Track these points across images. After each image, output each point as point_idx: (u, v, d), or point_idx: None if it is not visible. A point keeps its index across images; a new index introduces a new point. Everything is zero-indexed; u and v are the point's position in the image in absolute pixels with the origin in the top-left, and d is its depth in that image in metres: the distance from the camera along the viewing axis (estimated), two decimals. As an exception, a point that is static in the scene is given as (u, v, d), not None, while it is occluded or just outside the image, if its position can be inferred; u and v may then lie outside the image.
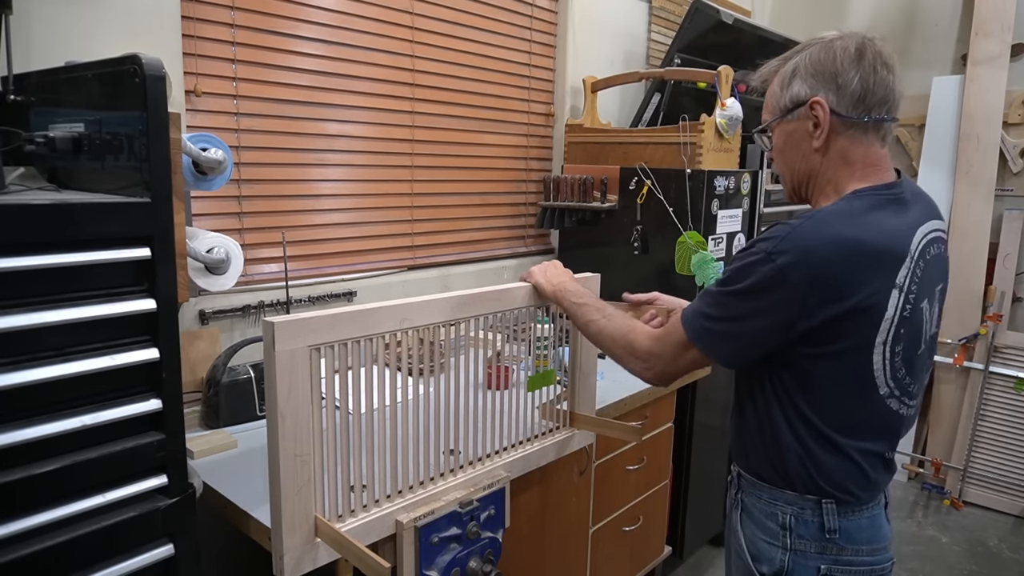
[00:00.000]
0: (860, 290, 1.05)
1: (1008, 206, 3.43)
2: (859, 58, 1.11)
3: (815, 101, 1.12)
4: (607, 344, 1.35)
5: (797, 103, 1.15)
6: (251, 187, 1.99)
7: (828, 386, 1.11)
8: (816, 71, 1.13)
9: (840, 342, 1.08)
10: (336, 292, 2.17)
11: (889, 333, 1.09)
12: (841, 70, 1.11)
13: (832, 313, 1.05)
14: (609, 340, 1.34)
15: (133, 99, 1.02)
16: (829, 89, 1.12)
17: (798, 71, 1.15)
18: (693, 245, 2.41)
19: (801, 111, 1.14)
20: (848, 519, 1.17)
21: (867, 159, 1.14)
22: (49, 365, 0.96)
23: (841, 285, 1.04)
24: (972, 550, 2.97)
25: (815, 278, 1.04)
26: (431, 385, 1.39)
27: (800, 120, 1.15)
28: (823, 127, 1.13)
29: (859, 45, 1.12)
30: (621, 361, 1.32)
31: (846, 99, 1.11)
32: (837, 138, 1.13)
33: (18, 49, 1.37)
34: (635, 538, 2.28)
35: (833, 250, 1.04)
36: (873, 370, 1.10)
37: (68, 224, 0.96)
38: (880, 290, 1.06)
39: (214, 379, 1.73)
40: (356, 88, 2.20)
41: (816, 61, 1.13)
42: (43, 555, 0.95)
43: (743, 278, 1.08)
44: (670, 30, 3.32)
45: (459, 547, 1.42)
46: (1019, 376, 3.29)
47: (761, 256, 1.07)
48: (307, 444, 1.18)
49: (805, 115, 1.14)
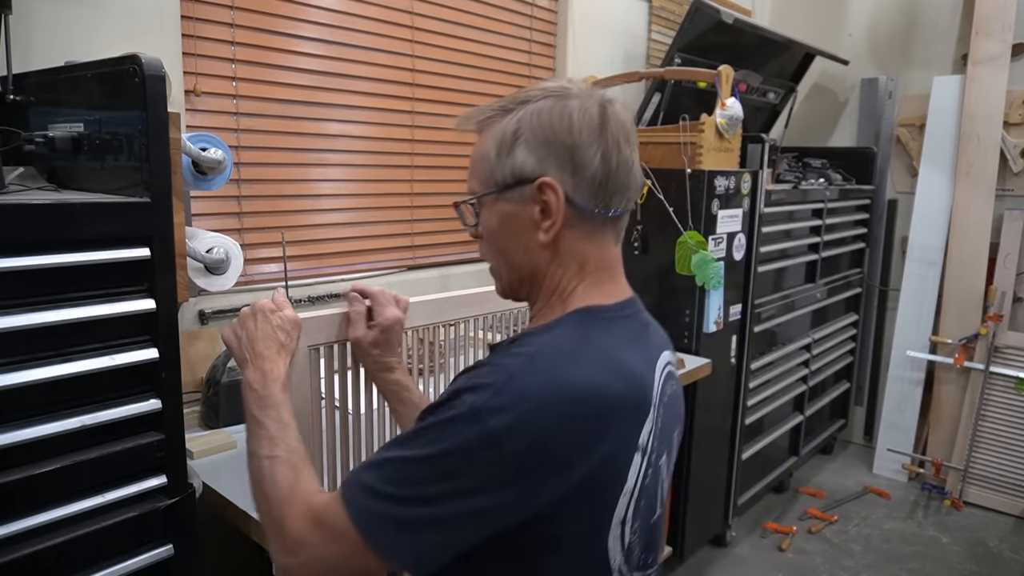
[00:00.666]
0: (594, 455, 0.76)
1: (1008, 206, 3.43)
2: (601, 129, 0.83)
3: (545, 183, 0.83)
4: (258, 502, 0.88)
5: (520, 179, 0.85)
6: (251, 187, 1.99)
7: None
8: (547, 139, 0.83)
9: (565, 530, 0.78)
10: (336, 292, 2.17)
11: (628, 509, 0.82)
12: (579, 144, 0.83)
13: (558, 491, 0.75)
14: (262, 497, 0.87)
15: (133, 99, 1.02)
16: (563, 168, 0.83)
17: (522, 135, 0.85)
18: (693, 245, 2.41)
19: (526, 191, 0.84)
20: None
21: (601, 263, 0.88)
22: (49, 365, 0.96)
23: (572, 451, 0.75)
24: (972, 550, 2.97)
25: (541, 446, 0.73)
26: (431, 385, 1.39)
27: (523, 203, 0.85)
28: (554, 218, 0.84)
29: (601, 110, 0.84)
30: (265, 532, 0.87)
31: (584, 184, 0.83)
32: (569, 232, 0.85)
33: (18, 49, 1.37)
34: (635, 538, 2.28)
35: (565, 403, 0.75)
36: (607, 552, 0.82)
37: (68, 224, 0.96)
38: (620, 454, 0.79)
39: (214, 379, 1.73)
40: (356, 88, 2.20)
41: (547, 126, 0.84)
42: (43, 555, 0.95)
43: (438, 439, 0.75)
44: (670, 30, 3.32)
45: (459, 547, 1.41)
46: (1020, 376, 3.28)
47: (466, 412, 0.74)
48: (307, 444, 1.18)
49: (531, 197, 0.84)
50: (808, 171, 3.36)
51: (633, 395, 0.82)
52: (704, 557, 2.86)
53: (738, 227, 2.64)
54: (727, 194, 2.53)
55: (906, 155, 3.77)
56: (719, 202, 2.50)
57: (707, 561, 2.84)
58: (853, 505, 3.32)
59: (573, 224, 0.85)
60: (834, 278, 3.49)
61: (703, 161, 2.47)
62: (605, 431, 0.77)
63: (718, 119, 2.49)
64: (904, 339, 3.59)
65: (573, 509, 0.77)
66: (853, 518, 3.20)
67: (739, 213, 2.64)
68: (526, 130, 0.85)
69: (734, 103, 2.52)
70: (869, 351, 3.96)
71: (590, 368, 0.79)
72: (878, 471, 3.65)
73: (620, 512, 0.81)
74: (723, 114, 2.50)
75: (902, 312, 3.61)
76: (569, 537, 0.79)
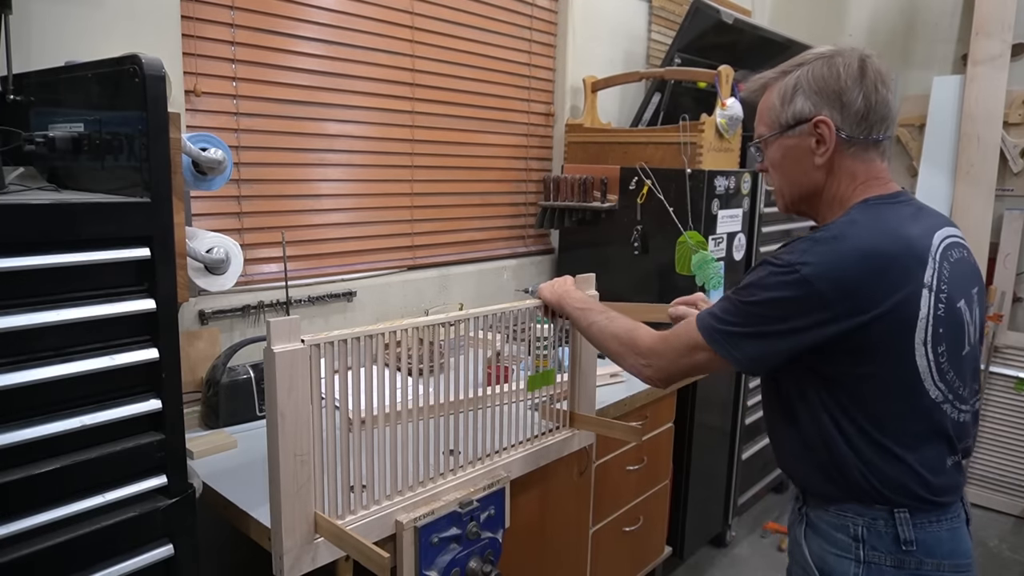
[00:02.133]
0: (889, 297, 1.05)
1: (1008, 206, 3.43)
2: (861, 76, 1.11)
3: (821, 120, 1.12)
4: (608, 341, 1.37)
5: (800, 120, 1.14)
6: (251, 187, 1.99)
7: (877, 394, 1.09)
8: (820, 88, 1.12)
9: (880, 347, 1.07)
10: (336, 292, 2.17)
11: (927, 332, 1.07)
12: (845, 88, 1.11)
13: (863, 320, 1.04)
14: (611, 337, 1.36)
15: (133, 99, 1.02)
16: (834, 108, 1.12)
17: (800, 87, 1.14)
18: (693, 245, 2.41)
19: (804, 128, 1.14)
20: (926, 530, 1.11)
21: (870, 174, 1.15)
22: (49, 365, 0.96)
23: (868, 294, 1.04)
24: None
25: (842, 289, 1.04)
26: (431, 385, 1.39)
27: (801, 136, 1.15)
28: (828, 145, 1.13)
29: (861, 63, 1.12)
30: (620, 358, 1.33)
31: (850, 118, 1.12)
32: (842, 155, 1.14)
33: (18, 49, 1.38)
34: (635, 538, 2.28)
35: (855, 261, 1.05)
36: (919, 373, 1.08)
37: (68, 224, 0.96)
38: (909, 292, 1.06)
39: (214, 379, 1.73)
40: (356, 88, 2.20)
41: (819, 78, 1.12)
42: (43, 555, 0.95)
43: (767, 288, 1.08)
44: (670, 30, 3.32)
45: (459, 547, 1.42)
46: (1019, 376, 3.28)
47: (784, 267, 1.07)
48: (307, 444, 1.18)
49: (808, 132, 1.14)
50: (808, 171, 3.36)
51: (907, 251, 1.08)
52: (704, 557, 2.86)
53: (738, 227, 2.64)
54: (727, 194, 2.53)
55: (906, 155, 3.77)
56: (719, 202, 2.50)
57: (707, 561, 2.84)
58: (853, 505, 3.32)
59: (843, 149, 1.14)
60: (834, 278, 3.49)
61: (703, 161, 2.47)
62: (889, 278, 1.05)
63: (718, 119, 2.49)
64: (904, 339, 3.59)
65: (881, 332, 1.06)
66: (853, 518, 3.19)
67: (739, 213, 2.64)
68: (803, 83, 1.14)
69: (734, 103, 2.52)
70: (869, 351, 3.95)
71: (870, 237, 1.07)
72: (878, 471, 3.64)
73: (920, 334, 1.07)
74: (723, 114, 2.50)
75: (902, 312, 3.61)
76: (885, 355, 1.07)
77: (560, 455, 1.73)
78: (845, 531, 1.14)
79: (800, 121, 1.14)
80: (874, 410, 1.10)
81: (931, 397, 1.10)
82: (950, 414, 1.12)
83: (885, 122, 1.14)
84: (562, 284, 1.61)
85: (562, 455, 1.74)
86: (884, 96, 1.12)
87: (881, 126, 1.14)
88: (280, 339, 1.14)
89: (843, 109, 1.11)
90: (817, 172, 1.16)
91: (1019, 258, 3.37)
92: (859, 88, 1.11)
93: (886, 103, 1.13)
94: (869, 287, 1.04)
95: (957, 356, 1.12)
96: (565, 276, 1.66)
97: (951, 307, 1.10)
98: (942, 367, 1.10)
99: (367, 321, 2.26)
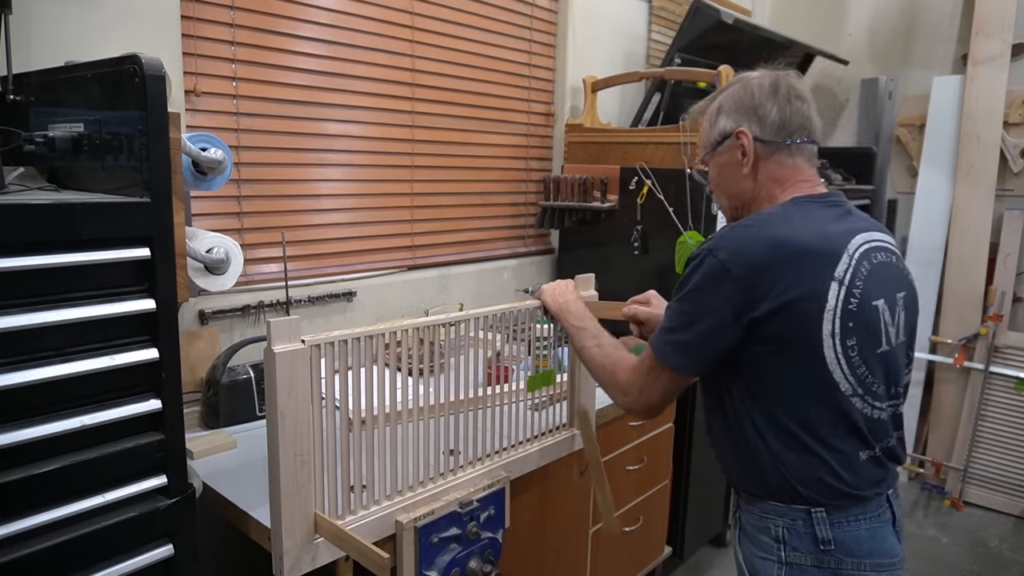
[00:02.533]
0: (797, 286, 1.10)
1: (1008, 206, 3.43)
2: (774, 92, 1.23)
3: (740, 131, 1.23)
4: (595, 370, 1.41)
5: (724, 135, 1.26)
6: (251, 187, 1.99)
7: (788, 384, 1.13)
8: (738, 106, 1.25)
9: (789, 334, 1.11)
10: (336, 292, 2.17)
11: (835, 324, 1.11)
12: (759, 103, 1.23)
13: (773, 306, 1.10)
14: (598, 367, 1.39)
15: (133, 99, 1.02)
16: (751, 120, 1.23)
17: (722, 108, 1.27)
18: (693, 245, 2.41)
19: (729, 142, 1.26)
20: (844, 529, 1.14)
21: (797, 177, 1.24)
22: (49, 365, 0.96)
23: (776, 280, 1.10)
24: (972, 550, 2.97)
25: (752, 274, 1.10)
26: (431, 385, 1.39)
27: (729, 151, 1.26)
28: (749, 154, 1.23)
29: (773, 80, 1.24)
30: (605, 388, 1.38)
31: (767, 128, 1.23)
32: (765, 162, 1.24)
33: (18, 49, 1.38)
34: (635, 538, 2.28)
35: (766, 248, 1.12)
36: (827, 363, 1.11)
37: (68, 224, 0.96)
38: (819, 283, 1.11)
39: (214, 379, 1.73)
40: (356, 88, 2.20)
41: (737, 98, 1.26)
42: (43, 555, 0.95)
43: (691, 279, 1.16)
44: (670, 30, 3.32)
45: (459, 547, 1.42)
46: (1019, 376, 3.28)
47: (703, 254, 1.15)
48: (307, 444, 1.18)
49: (733, 145, 1.25)
50: (808, 171, 3.36)
51: (822, 245, 1.13)
52: (704, 557, 2.86)
53: (738, 227, 2.64)
54: (727, 194, 2.53)
55: (906, 155, 3.77)
56: (719, 202, 2.50)
57: (707, 561, 2.84)
58: (853, 505, 3.32)
59: (765, 156, 1.24)
60: (834, 278, 3.49)
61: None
62: (800, 267, 1.11)
63: (718, 119, 2.49)
64: (904, 339, 3.59)
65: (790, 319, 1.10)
66: (853, 518, 3.19)
67: (739, 213, 2.63)
68: (724, 105, 1.27)
69: (734, 103, 2.52)
70: (869, 351, 3.95)
71: (786, 228, 1.14)
72: (878, 471, 3.64)
73: (828, 325, 1.11)
74: (723, 114, 2.49)
75: (902, 312, 3.61)
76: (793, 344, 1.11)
77: (560, 455, 1.73)
78: (767, 533, 1.18)
79: (725, 136, 1.26)
80: (785, 399, 1.14)
81: (841, 390, 1.13)
82: (861, 408, 1.15)
83: (805, 130, 1.23)
84: (563, 291, 1.60)
85: (562, 455, 1.74)
86: (799, 107, 1.23)
87: (800, 133, 1.23)
88: (280, 339, 1.14)
89: (760, 121, 1.23)
90: (746, 181, 1.26)
91: (1019, 258, 3.37)
92: (772, 101, 1.22)
93: (802, 113, 1.23)
94: (778, 272, 1.10)
95: (871, 352, 1.14)
96: (567, 280, 1.65)
97: (865, 304, 1.13)
98: (852, 360, 1.13)
99: (367, 321, 2.26)
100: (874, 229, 1.22)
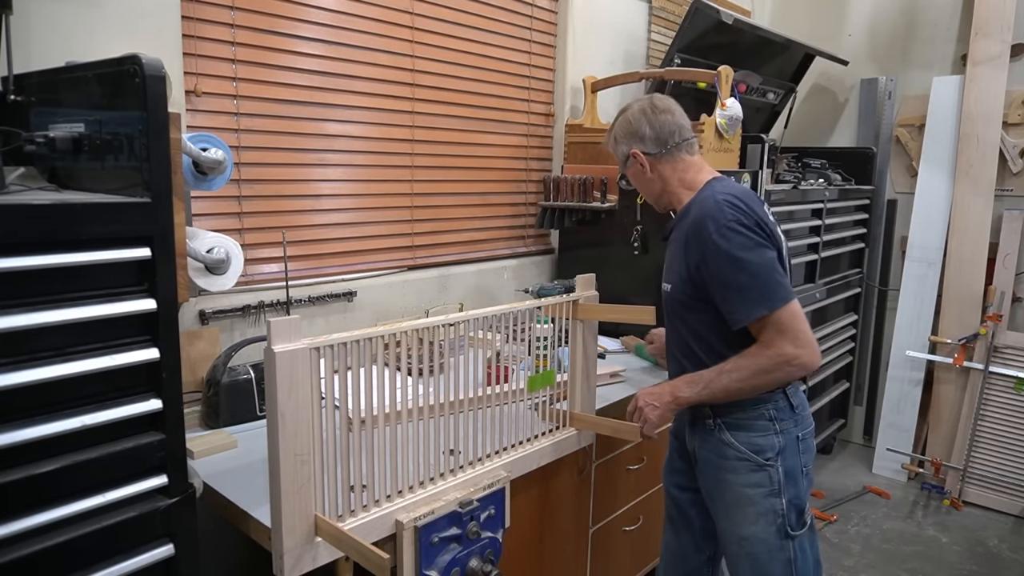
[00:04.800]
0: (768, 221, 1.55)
1: (1008, 206, 3.43)
2: (643, 115, 1.64)
3: (632, 152, 1.66)
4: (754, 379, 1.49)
5: (625, 157, 1.68)
6: (251, 187, 1.99)
7: None
8: (625, 133, 1.67)
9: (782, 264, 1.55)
10: (336, 292, 2.17)
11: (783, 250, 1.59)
12: (637, 128, 1.64)
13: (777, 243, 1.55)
14: (752, 375, 1.48)
15: (133, 99, 1.02)
16: (637, 141, 1.65)
17: (617, 138, 1.69)
18: (693, 245, 2.41)
19: (630, 161, 1.67)
20: (799, 395, 1.60)
21: (691, 167, 1.64)
22: (49, 365, 0.96)
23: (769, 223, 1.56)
24: (972, 550, 2.97)
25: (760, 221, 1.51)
26: (431, 385, 1.39)
27: (633, 166, 1.68)
28: (646, 165, 1.65)
29: (641, 107, 1.66)
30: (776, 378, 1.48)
31: (650, 143, 1.64)
32: (661, 166, 1.64)
33: (18, 49, 1.37)
34: (635, 538, 2.28)
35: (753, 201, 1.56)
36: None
37: (68, 224, 0.96)
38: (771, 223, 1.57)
39: (214, 379, 1.73)
40: (356, 88, 2.20)
41: (623, 128, 1.68)
42: (43, 555, 0.95)
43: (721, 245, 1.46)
44: (670, 30, 3.32)
45: (459, 547, 1.42)
46: (1019, 376, 3.28)
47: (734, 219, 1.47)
48: (307, 444, 1.18)
49: (634, 163, 1.67)
50: (807, 171, 3.36)
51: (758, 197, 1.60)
52: (704, 557, 2.85)
53: (738, 227, 2.64)
54: (727, 194, 2.53)
55: (905, 155, 3.77)
56: (719, 202, 2.50)
57: (707, 561, 2.83)
58: (852, 505, 3.32)
59: (659, 163, 1.65)
60: (834, 278, 3.49)
61: (703, 161, 2.46)
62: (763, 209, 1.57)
63: (718, 119, 2.49)
64: (903, 339, 3.60)
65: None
66: (852, 518, 3.20)
67: (739, 213, 2.63)
68: (617, 133, 1.70)
69: (734, 103, 2.52)
70: (868, 351, 3.96)
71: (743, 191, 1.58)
72: (877, 471, 3.65)
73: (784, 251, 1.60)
74: (723, 114, 2.50)
75: (901, 312, 3.62)
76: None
77: (560, 455, 1.73)
78: (763, 417, 1.55)
79: (626, 158, 1.68)
80: None
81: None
82: None
83: (675, 134, 1.63)
84: (657, 393, 1.60)
85: (562, 455, 1.74)
86: (665, 119, 1.63)
87: (674, 137, 1.63)
88: (281, 339, 1.14)
89: (642, 140, 1.64)
90: (654, 183, 1.67)
91: (1018, 258, 3.37)
92: (645, 122, 1.63)
93: (669, 122, 1.63)
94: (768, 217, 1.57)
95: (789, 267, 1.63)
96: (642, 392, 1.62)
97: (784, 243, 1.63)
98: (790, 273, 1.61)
99: (367, 321, 2.26)
100: None
